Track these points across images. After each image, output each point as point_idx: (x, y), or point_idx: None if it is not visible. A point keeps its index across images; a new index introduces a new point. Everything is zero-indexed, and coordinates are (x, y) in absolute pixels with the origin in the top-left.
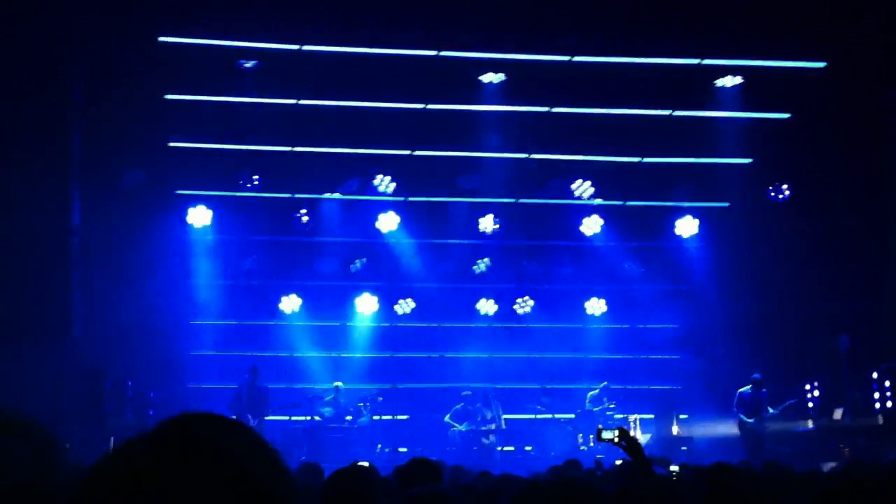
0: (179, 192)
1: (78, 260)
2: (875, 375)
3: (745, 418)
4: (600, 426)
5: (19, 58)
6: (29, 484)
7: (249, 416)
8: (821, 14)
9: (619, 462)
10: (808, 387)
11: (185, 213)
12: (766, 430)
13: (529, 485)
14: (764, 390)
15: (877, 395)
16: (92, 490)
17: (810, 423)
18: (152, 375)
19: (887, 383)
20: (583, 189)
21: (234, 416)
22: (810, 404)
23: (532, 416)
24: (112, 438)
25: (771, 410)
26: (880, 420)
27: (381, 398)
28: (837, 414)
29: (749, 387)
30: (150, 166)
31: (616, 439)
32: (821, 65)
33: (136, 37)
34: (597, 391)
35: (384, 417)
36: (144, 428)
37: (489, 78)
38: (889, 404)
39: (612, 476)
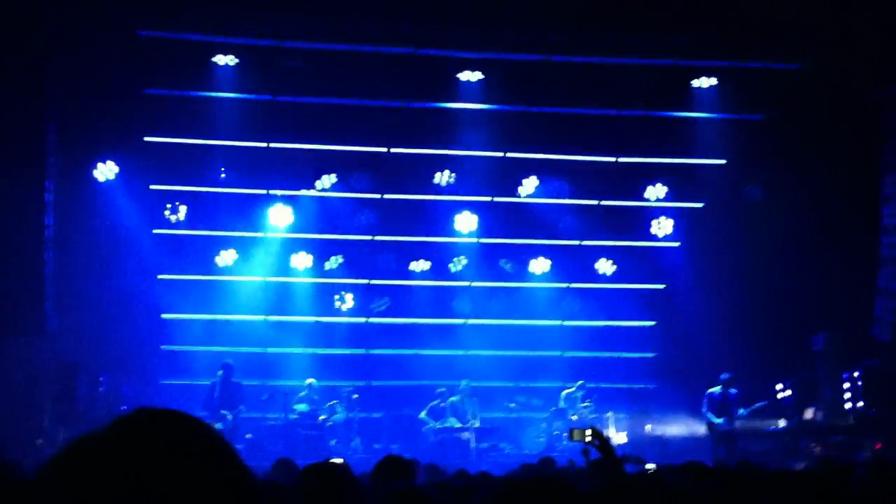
0: (154, 186)
1: (52, 254)
2: (847, 374)
3: (714, 419)
4: (572, 427)
5: None
6: None
7: (224, 413)
8: (796, 16)
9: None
10: (781, 386)
11: (160, 207)
12: (736, 430)
13: (505, 482)
14: (733, 390)
15: (849, 395)
16: (47, 485)
17: (782, 422)
18: (126, 371)
19: (859, 382)
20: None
21: (208, 413)
22: (784, 401)
23: (507, 414)
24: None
25: (741, 411)
26: (852, 419)
27: (356, 395)
28: (809, 413)
29: (718, 387)
30: (127, 160)
31: (588, 438)
32: (795, 66)
33: (115, 30)
34: (573, 390)
35: (359, 414)
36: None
37: (467, 76)
38: (861, 403)
39: (584, 474)
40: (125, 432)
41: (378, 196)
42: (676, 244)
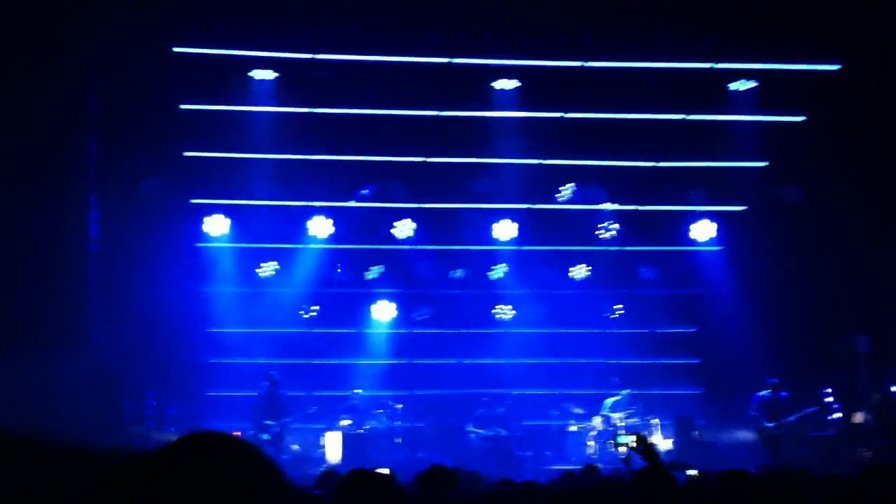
0: (195, 200)
1: (96, 268)
2: (893, 377)
3: (764, 422)
4: (617, 434)
5: (35, 68)
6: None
7: (270, 424)
8: (835, 16)
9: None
10: (827, 389)
11: (201, 222)
12: (785, 435)
13: (549, 496)
14: (783, 393)
15: None
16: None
17: (830, 426)
18: (172, 383)
19: None
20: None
21: (253, 425)
22: (829, 406)
23: (550, 422)
24: (132, 447)
25: (791, 418)
26: None
27: (400, 405)
28: (858, 417)
29: (768, 391)
30: (167, 175)
31: (633, 444)
32: (836, 67)
33: (152, 47)
34: (618, 399)
35: (402, 424)
36: (164, 435)
37: (502, 84)
38: None
39: (630, 481)
40: (179, 456)
41: (416, 206)
42: (718, 248)
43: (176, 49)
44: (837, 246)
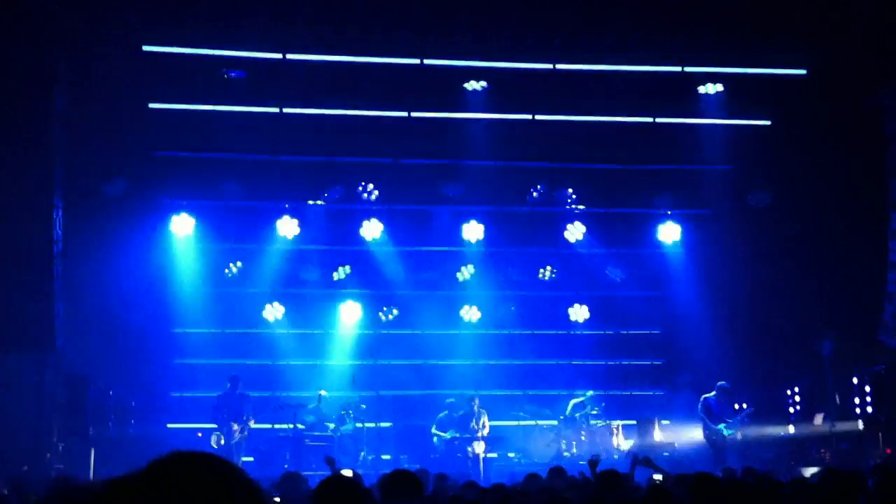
0: (163, 200)
1: (61, 269)
2: (856, 380)
3: (710, 426)
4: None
5: (2, 66)
6: None
7: (231, 425)
8: (801, 22)
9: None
10: (789, 392)
11: (168, 222)
12: (729, 440)
13: (513, 498)
14: (727, 398)
15: (857, 400)
16: None
17: (791, 429)
18: (135, 384)
19: (868, 388)
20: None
21: (216, 425)
22: (791, 409)
23: (516, 423)
24: (93, 449)
25: (731, 421)
26: (861, 425)
27: (364, 406)
28: (818, 419)
29: (714, 393)
30: (134, 175)
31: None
32: (801, 72)
33: (121, 45)
34: (581, 399)
35: (367, 425)
36: (125, 437)
37: (472, 85)
38: (870, 409)
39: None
40: (160, 478)
41: (385, 206)
42: (682, 251)
43: (146, 48)
44: (803, 248)
